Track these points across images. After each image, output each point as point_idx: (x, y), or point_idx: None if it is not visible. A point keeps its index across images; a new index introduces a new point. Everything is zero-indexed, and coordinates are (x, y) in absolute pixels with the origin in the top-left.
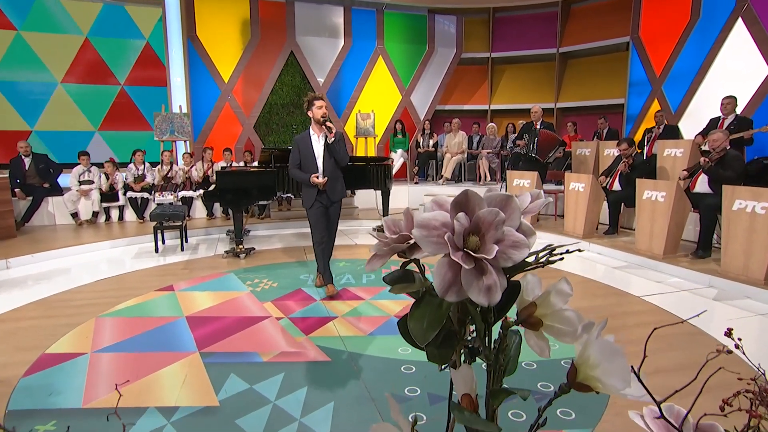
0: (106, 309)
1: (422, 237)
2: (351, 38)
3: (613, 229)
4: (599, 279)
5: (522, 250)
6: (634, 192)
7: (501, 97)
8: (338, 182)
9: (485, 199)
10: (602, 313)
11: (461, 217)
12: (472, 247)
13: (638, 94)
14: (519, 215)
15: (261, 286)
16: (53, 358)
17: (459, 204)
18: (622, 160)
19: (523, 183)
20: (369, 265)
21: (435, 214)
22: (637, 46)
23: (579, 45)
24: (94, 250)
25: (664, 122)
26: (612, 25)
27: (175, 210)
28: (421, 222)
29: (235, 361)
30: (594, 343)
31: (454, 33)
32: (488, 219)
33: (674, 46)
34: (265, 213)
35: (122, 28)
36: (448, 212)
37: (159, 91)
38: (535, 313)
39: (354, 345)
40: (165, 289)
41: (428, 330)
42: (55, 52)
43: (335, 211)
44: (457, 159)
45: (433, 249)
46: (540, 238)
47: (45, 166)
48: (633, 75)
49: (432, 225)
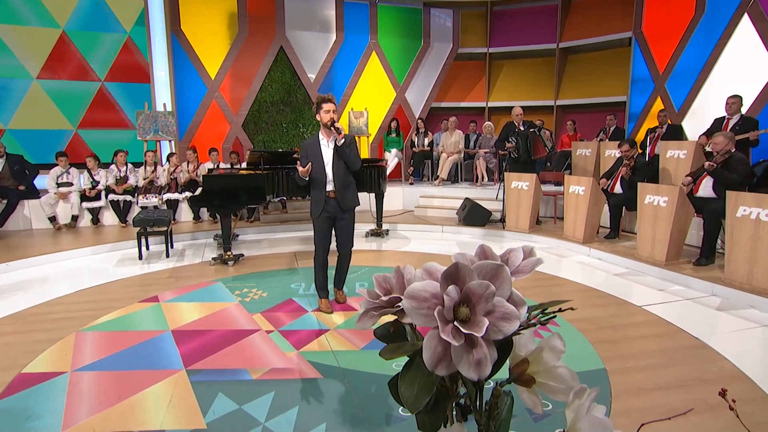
0: (87, 322)
1: (412, 309)
2: (343, 33)
3: (614, 233)
4: (599, 287)
5: (512, 323)
6: (636, 195)
7: (499, 94)
8: (350, 189)
9: (476, 270)
10: (602, 325)
11: (451, 291)
12: (463, 318)
13: (641, 92)
14: (510, 285)
15: (250, 296)
16: (30, 378)
17: (449, 276)
18: (623, 162)
19: (522, 185)
20: (360, 322)
21: (425, 285)
22: (640, 41)
23: (580, 40)
24: (73, 257)
25: (668, 122)
26: (614, 19)
27: (160, 215)
28: (411, 293)
29: (223, 378)
30: (584, 418)
31: (450, 27)
32: (479, 291)
33: (678, 42)
34: (254, 216)
35: (102, 21)
36: (438, 281)
37: (142, 87)
38: (528, 370)
39: (347, 360)
40: (149, 300)
41: (419, 397)
42: (29, 46)
43: (348, 222)
44: (454, 159)
45: (423, 321)
46: (539, 242)
47: (20, 167)
48: (636, 72)
49: (422, 296)
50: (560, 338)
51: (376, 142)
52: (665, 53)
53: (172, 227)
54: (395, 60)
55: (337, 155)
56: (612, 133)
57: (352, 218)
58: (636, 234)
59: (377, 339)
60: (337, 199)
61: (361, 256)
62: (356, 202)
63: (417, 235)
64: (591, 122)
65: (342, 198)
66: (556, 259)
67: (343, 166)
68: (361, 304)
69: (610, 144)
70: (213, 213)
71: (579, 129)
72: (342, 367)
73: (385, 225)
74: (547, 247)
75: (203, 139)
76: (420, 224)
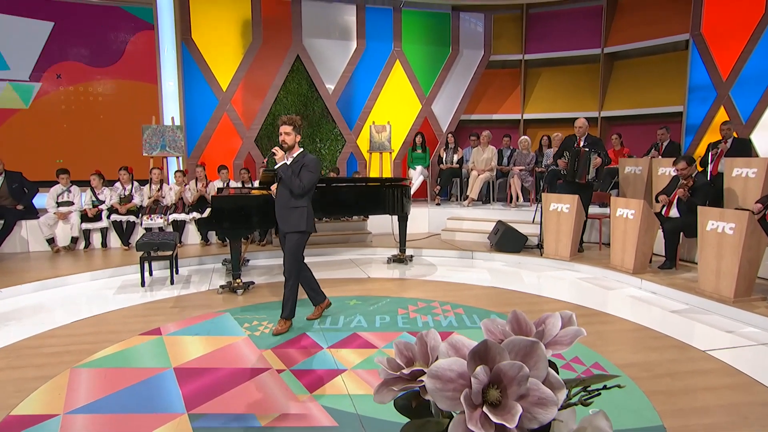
0: (83, 358)
1: (436, 390)
2: (364, 40)
3: (670, 263)
4: (654, 326)
5: (549, 409)
6: (696, 220)
7: (535, 106)
8: (293, 213)
9: (507, 347)
10: (658, 372)
11: (480, 374)
12: (493, 401)
13: (700, 101)
14: (546, 365)
15: (260, 329)
16: (20, 422)
17: (478, 354)
18: (679, 181)
19: (562, 208)
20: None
21: (451, 363)
22: (699, 44)
23: (628, 44)
24: (71, 283)
25: (733, 135)
26: (668, 20)
27: (165, 238)
28: (435, 372)
29: (229, 425)
30: None
31: (481, 32)
32: (510, 373)
33: (745, 45)
34: (266, 239)
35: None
36: (464, 358)
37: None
38: None
39: (366, 406)
40: (151, 333)
41: None
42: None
43: (288, 244)
44: (485, 177)
45: (448, 405)
46: (582, 271)
47: (19, 185)
48: (694, 78)
49: (447, 376)
50: (606, 418)
51: (399, 159)
52: (729, 57)
53: (178, 251)
54: (421, 69)
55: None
56: (665, 148)
57: (293, 240)
58: (697, 264)
59: (397, 411)
60: (278, 220)
61: (382, 285)
62: (299, 226)
63: (444, 262)
64: (640, 136)
65: (281, 218)
66: (602, 291)
67: (285, 188)
68: (380, 373)
69: (664, 161)
70: (222, 236)
71: (626, 143)
72: (359, 414)
73: (409, 250)
74: (592, 278)
75: (213, 155)
76: (447, 249)
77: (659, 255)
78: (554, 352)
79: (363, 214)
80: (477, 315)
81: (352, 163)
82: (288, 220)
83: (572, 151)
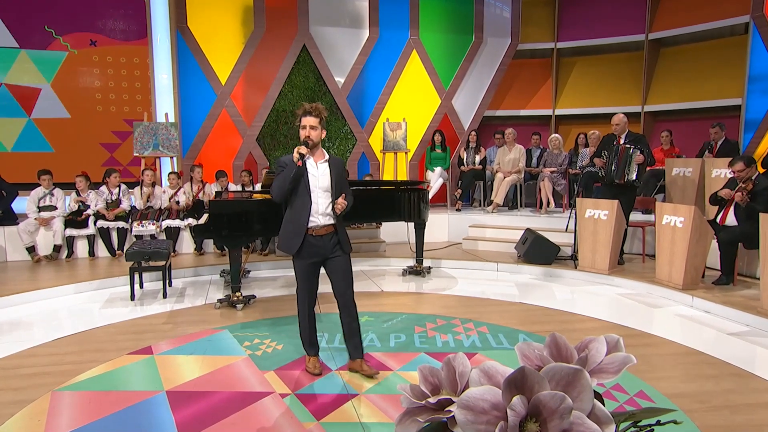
0: (66, 380)
1: (467, 422)
2: (378, 28)
3: (727, 278)
4: (709, 350)
5: None
6: (757, 229)
7: (569, 100)
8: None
9: (547, 375)
10: (715, 404)
11: (517, 405)
12: None
13: (762, 93)
14: (591, 396)
15: (262, 348)
16: None
17: (514, 383)
18: (737, 185)
19: (599, 215)
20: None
21: (484, 392)
22: (761, 27)
23: (677, 29)
24: (53, 296)
25: None
26: (723, 1)
27: (157, 247)
28: (466, 402)
29: None
30: None
31: (508, 19)
32: (551, 405)
33: None
34: (268, 248)
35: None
36: (499, 387)
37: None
38: None
39: None
40: (141, 352)
41: None
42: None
43: (343, 259)
44: (512, 180)
45: None
46: (623, 287)
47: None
48: (754, 67)
49: (480, 407)
50: None
51: (416, 160)
52: None
53: (172, 261)
54: (440, 60)
55: (334, 181)
56: (720, 147)
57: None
58: (759, 280)
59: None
60: (332, 237)
61: (397, 300)
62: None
63: (465, 274)
64: (691, 133)
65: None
66: (647, 309)
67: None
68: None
69: (718, 161)
70: (220, 245)
71: (676, 141)
72: None
73: (427, 261)
74: (634, 294)
75: (211, 155)
76: (469, 260)
77: (713, 269)
78: (599, 381)
79: (376, 221)
80: (503, 334)
81: (364, 164)
82: (343, 238)
83: (612, 148)
